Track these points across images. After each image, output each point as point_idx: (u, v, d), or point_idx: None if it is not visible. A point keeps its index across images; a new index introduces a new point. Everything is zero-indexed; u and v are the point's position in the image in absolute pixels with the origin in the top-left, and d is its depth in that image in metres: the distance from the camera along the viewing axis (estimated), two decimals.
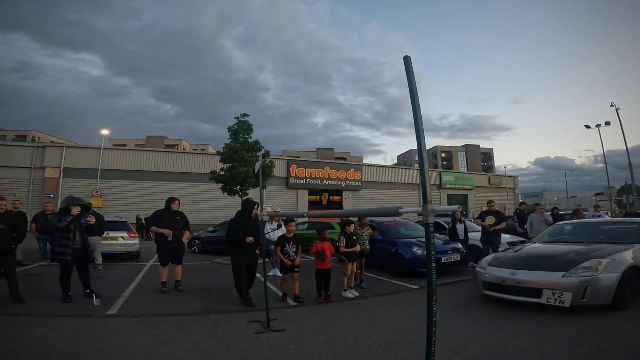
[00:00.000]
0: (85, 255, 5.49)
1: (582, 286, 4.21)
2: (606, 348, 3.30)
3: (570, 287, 4.22)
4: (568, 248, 5.28)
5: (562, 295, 4.22)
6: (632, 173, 22.04)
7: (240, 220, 5.49)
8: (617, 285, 4.20)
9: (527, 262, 5.05)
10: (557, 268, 4.53)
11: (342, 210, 9.91)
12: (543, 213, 9.70)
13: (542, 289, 4.40)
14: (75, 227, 5.31)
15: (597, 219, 8.83)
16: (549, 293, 4.32)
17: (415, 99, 1.52)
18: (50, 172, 24.15)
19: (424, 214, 1.51)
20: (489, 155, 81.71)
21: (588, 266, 4.37)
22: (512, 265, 5.00)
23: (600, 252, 4.69)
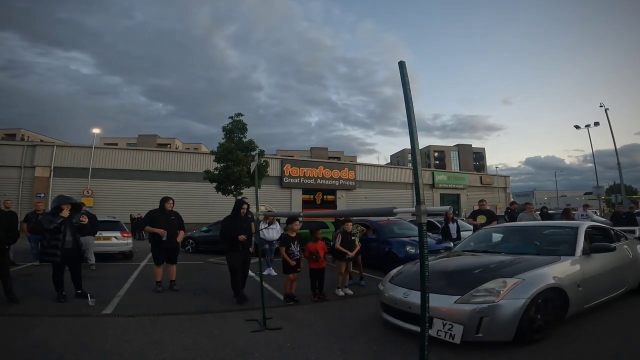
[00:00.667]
0: (77, 255, 5.48)
1: (475, 316, 3.16)
2: None
3: (461, 317, 3.19)
4: (481, 260, 4.25)
5: (452, 328, 3.17)
6: (620, 173, 22.47)
7: (231, 218, 5.63)
8: (522, 315, 3.17)
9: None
10: (454, 289, 3.46)
11: (338, 210, 9.95)
12: (532, 212, 9.89)
13: (432, 317, 3.27)
14: (66, 227, 5.28)
15: (536, 221, 7.89)
16: (439, 323, 3.25)
17: (409, 104, 1.59)
18: (40, 171, 23.82)
19: (417, 214, 1.58)
20: (481, 155, 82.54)
21: (489, 288, 3.31)
22: (410, 282, 3.87)
23: (512, 268, 3.65)
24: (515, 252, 4.40)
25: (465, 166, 72.77)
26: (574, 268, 3.84)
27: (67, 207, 5.38)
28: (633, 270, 4.82)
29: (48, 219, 5.23)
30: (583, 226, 4.55)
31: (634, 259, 4.88)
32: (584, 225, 4.62)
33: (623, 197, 21.42)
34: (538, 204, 45.56)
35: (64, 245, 5.23)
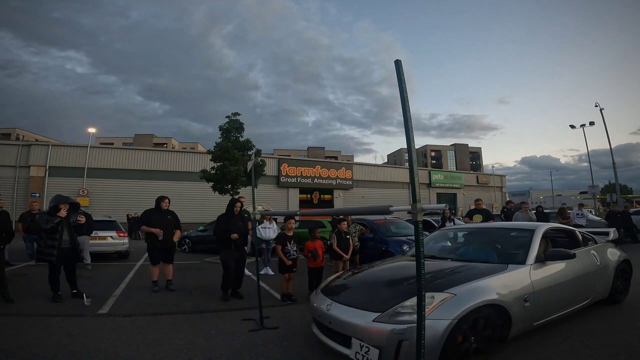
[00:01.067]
0: (73, 255, 5.46)
1: (393, 338, 2.57)
2: None
3: (379, 339, 2.63)
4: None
5: (368, 352, 2.65)
6: (615, 172, 22.60)
7: (225, 217, 5.71)
8: (447, 338, 2.58)
9: (354, 290, 3.46)
10: (377, 304, 2.91)
11: (333, 209, 9.87)
12: (527, 211, 9.96)
13: (350, 336, 2.83)
14: (64, 226, 5.26)
15: (496, 222, 7.45)
16: (357, 345, 2.74)
17: (405, 103, 1.59)
18: (35, 171, 23.66)
19: (413, 212, 1.58)
20: (477, 154, 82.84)
21: (411, 305, 2.68)
22: (337, 292, 3.46)
23: (449, 279, 3.13)
24: (465, 259, 3.92)
25: (462, 166, 73.03)
26: (521, 279, 3.25)
27: (65, 206, 5.36)
28: (601, 278, 4.27)
29: (45, 219, 5.21)
30: (540, 229, 3.98)
31: (602, 265, 4.31)
32: (541, 227, 4.04)
33: (618, 197, 21.59)
34: (534, 204, 45.80)
35: (61, 245, 5.21)
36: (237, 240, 5.58)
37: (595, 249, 4.46)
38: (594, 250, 4.44)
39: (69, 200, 5.52)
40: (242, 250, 5.75)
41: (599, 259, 4.33)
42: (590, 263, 4.19)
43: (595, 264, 4.23)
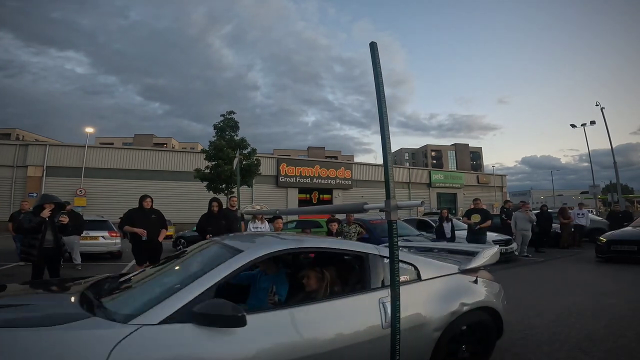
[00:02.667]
0: (56, 255, 5.31)
1: None
2: None
3: None
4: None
5: None
6: (616, 172, 22.39)
7: (205, 217, 5.79)
8: None
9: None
10: None
11: (308, 207, 9.50)
12: (527, 211, 9.79)
13: None
14: (47, 226, 5.12)
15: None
16: None
17: (380, 87, 1.44)
18: (32, 171, 23.56)
19: (386, 209, 1.42)
20: (478, 154, 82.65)
21: None
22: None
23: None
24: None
25: (462, 165, 72.83)
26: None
27: (50, 206, 5.21)
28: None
29: (28, 218, 5.07)
30: (253, 253, 2.20)
31: (407, 327, 2.23)
32: (252, 253, 2.21)
33: (619, 196, 21.38)
34: (535, 203, 45.61)
35: (43, 245, 5.07)
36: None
37: (405, 290, 2.15)
38: (383, 297, 2.29)
39: (54, 200, 5.38)
40: None
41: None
42: (348, 326, 2.13)
43: (367, 325, 2.17)
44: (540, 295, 5.45)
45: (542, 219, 10.98)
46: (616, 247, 8.29)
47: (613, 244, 8.38)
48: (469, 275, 2.80)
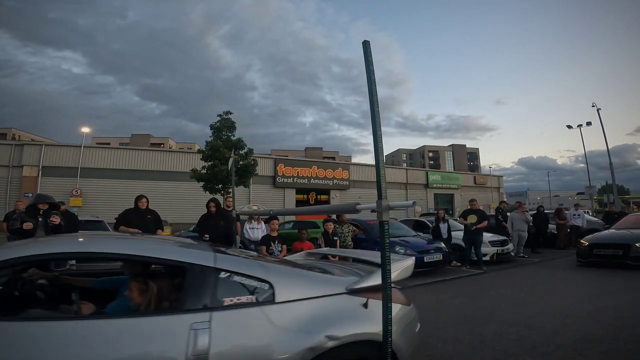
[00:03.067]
0: None
1: None
2: None
3: None
4: None
5: None
6: (612, 173, 22.50)
7: (203, 217, 5.77)
8: None
9: None
10: None
11: (302, 208, 9.25)
12: (523, 212, 9.81)
13: None
14: (37, 227, 5.07)
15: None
16: None
17: (372, 86, 1.42)
18: (28, 171, 23.40)
19: (378, 210, 1.40)
20: (475, 155, 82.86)
21: None
22: None
23: None
24: None
25: (459, 166, 72.99)
26: None
27: (43, 206, 5.17)
28: None
29: (20, 217, 5.04)
30: None
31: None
32: None
33: (615, 197, 21.47)
34: (532, 204, 45.75)
35: None
36: (216, 240, 5.45)
37: (244, 316, 1.84)
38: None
39: (47, 200, 5.33)
40: None
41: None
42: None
43: (165, 355, 1.70)
44: (537, 296, 5.45)
45: (538, 220, 11.01)
46: (599, 250, 7.73)
47: (596, 247, 7.82)
48: (359, 297, 2.06)
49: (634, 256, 7.13)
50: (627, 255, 7.23)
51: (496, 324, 4.05)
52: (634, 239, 7.39)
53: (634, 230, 8.08)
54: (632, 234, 7.80)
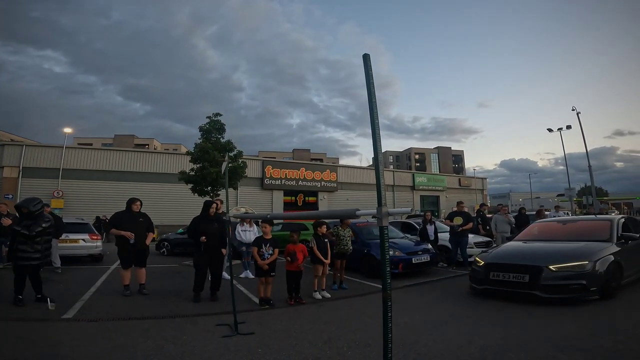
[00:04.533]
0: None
1: None
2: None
3: None
4: None
5: None
6: (591, 175, 23.26)
7: (199, 219, 5.69)
8: None
9: None
10: None
11: (302, 212, 9.50)
12: (506, 214, 10.11)
13: None
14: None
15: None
16: None
17: (372, 99, 1.52)
18: (8, 172, 22.73)
19: (378, 216, 1.51)
20: (460, 157, 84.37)
21: None
22: None
23: None
24: None
25: (445, 168, 74.19)
26: None
27: (25, 210, 5.11)
28: None
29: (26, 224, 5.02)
30: None
31: None
32: None
33: (594, 199, 22.25)
34: (514, 206, 46.84)
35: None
36: (211, 242, 5.50)
37: None
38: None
39: (24, 205, 5.24)
40: (217, 252, 5.63)
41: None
42: None
43: None
44: None
45: (520, 221, 11.33)
46: (496, 275, 5.23)
47: (493, 269, 5.33)
48: None
49: (546, 285, 4.78)
50: (536, 283, 4.83)
51: None
52: (547, 259, 5.02)
53: (547, 243, 5.94)
54: (544, 249, 5.58)
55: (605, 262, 4.93)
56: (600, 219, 6.86)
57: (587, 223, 6.71)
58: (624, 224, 6.08)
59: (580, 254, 5.05)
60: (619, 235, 5.66)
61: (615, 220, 6.04)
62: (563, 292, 4.78)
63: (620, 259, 5.17)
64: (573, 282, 4.74)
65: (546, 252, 5.39)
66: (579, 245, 5.42)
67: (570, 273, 4.80)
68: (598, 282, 4.78)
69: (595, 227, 6.20)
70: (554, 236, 6.30)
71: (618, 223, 5.94)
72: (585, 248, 5.24)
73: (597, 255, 4.96)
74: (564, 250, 5.29)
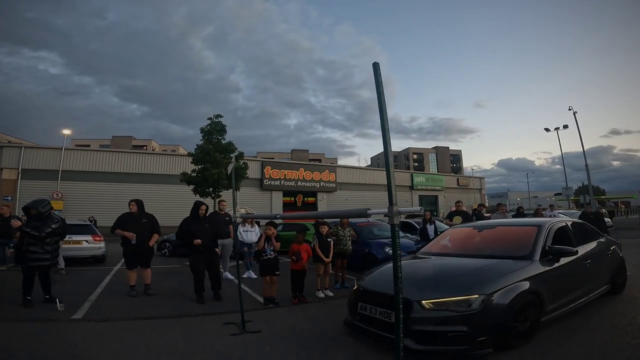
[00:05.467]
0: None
1: None
2: None
3: None
4: None
5: None
6: (588, 174, 23.39)
7: (189, 220, 5.75)
8: None
9: None
10: None
11: (313, 212, 9.63)
12: (504, 213, 10.21)
13: None
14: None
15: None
16: None
17: (382, 106, 1.62)
18: (7, 174, 22.71)
19: (389, 215, 1.60)
20: (458, 157, 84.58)
21: None
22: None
23: None
24: None
25: (443, 168, 74.39)
26: None
27: (34, 211, 5.19)
28: None
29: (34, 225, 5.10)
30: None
31: None
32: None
33: (591, 198, 22.38)
34: (512, 205, 47.08)
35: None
36: (205, 243, 5.58)
37: None
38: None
39: (34, 206, 5.32)
40: (211, 252, 5.72)
41: None
42: None
43: None
44: None
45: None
46: (364, 307, 3.64)
47: (362, 298, 3.75)
48: None
49: (418, 331, 3.13)
50: (406, 325, 3.06)
51: None
52: (425, 287, 3.42)
53: (453, 259, 4.27)
54: (435, 269, 4.04)
55: (508, 294, 3.21)
56: (526, 224, 4.84)
57: (506, 230, 4.88)
58: (560, 230, 4.40)
59: (471, 282, 3.34)
60: (545, 248, 3.90)
61: (544, 227, 4.24)
62: (438, 343, 3.07)
63: (540, 287, 3.48)
64: (450, 328, 3.05)
65: (429, 276, 3.76)
66: (483, 264, 3.72)
67: (448, 314, 3.09)
68: (491, 328, 3.08)
69: (515, 237, 4.50)
70: (466, 248, 4.59)
71: (548, 231, 4.19)
72: (483, 271, 3.56)
73: (497, 284, 3.25)
74: (460, 272, 3.65)
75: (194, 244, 5.53)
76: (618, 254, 5.43)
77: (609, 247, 5.25)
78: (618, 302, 4.66)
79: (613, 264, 5.09)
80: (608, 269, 4.93)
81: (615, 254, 5.30)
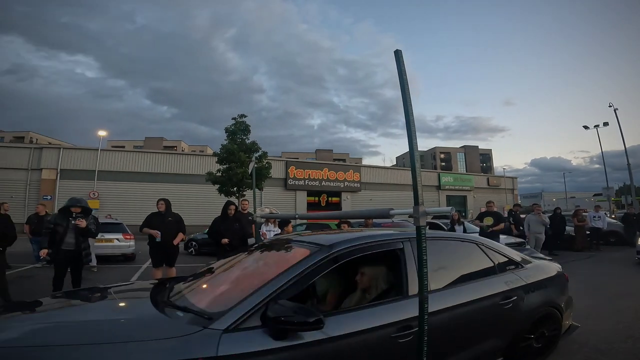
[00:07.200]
0: (77, 258, 5.41)
1: None
2: None
3: None
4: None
5: None
6: (630, 173, 22.01)
7: (219, 220, 5.86)
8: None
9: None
10: None
11: (334, 212, 9.40)
12: (540, 214, 9.68)
13: None
14: (67, 229, 5.23)
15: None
16: None
17: (406, 93, 1.47)
18: (46, 174, 24.01)
19: (414, 215, 1.45)
20: (488, 156, 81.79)
21: None
22: None
23: None
24: None
25: (472, 167, 72.15)
26: None
27: (76, 209, 5.34)
28: None
29: (54, 220, 5.24)
30: None
31: None
32: None
33: (633, 198, 20.99)
34: (547, 206, 44.99)
35: (62, 247, 5.18)
36: (233, 242, 5.61)
37: None
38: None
39: (79, 204, 5.47)
40: (240, 251, 5.70)
41: None
42: None
43: None
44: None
45: (555, 222, 10.85)
46: None
47: None
48: None
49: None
50: None
51: None
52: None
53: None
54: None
55: None
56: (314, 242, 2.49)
57: (277, 257, 2.77)
58: (383, 257, 2.47)
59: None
60: (276, 306, 1.81)
61: (332, 249, 2.24)
62: None
63: None
64: None
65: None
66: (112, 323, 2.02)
67: None
68: None
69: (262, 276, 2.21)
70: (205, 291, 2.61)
71: (334, 258, 2.20)
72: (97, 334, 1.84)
73: None
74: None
75: (221, 243, 5.62)
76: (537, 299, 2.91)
77: (516, 288, 2.80)
78: None
79: (514, 322, 2.72)
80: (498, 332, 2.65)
81: (530, 300, 2.83)
